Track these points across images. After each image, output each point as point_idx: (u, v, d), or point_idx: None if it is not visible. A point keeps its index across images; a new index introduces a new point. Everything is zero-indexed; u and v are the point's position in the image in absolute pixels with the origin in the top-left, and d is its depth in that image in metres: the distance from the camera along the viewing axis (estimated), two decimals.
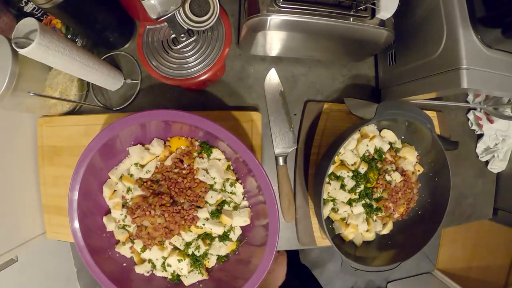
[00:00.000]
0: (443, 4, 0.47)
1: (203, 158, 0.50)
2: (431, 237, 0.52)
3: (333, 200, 0.56)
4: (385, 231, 0.58)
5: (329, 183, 0.55)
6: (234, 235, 0.50)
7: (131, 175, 0.50)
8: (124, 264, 0.50)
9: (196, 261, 0.49)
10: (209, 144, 0.50)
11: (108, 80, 0.56)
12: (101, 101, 0.62)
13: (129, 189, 0.50)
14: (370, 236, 0.58)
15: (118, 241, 0.51)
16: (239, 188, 0.50)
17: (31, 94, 0.47)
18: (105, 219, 0.50)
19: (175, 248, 0.50)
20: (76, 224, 0.45)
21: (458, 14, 0.45)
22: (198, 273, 0.49)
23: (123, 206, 0.50)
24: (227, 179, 0.50)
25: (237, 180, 0.51)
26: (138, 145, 0.50)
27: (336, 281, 1.59)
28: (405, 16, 0.54)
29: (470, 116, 0.72)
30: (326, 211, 0.56)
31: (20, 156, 0.57)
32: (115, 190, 0.50)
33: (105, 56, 0.61)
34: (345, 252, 0.51)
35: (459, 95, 0.72)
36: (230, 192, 0.50)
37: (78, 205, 0.45)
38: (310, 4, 0.45)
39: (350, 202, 0.56)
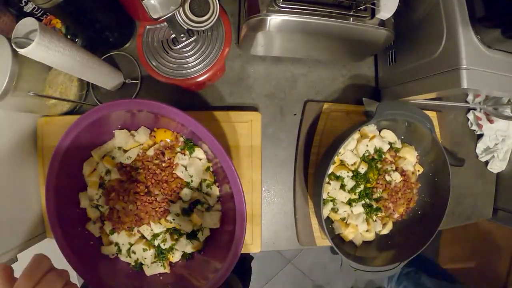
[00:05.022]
0: (443, 4, 0.47)
1: (184, 155, 0.50)
2: (431, 237, 0.52)
3: (333, 200, 0.56)
4: (385, 231, 0.58)
5: (329, 183, 0.55)
6: (202, 236, 0.50)
7: (113, 158, 0.50)
8: (91, 243, 0.50)
9: (161, 254, 0.50)
10: (193, 142, 0.50)
11: (108, 80, 0.56)
12: (101, 101, 0.62)
13: (108, 171, 0.50)
14: (370, 236, 0.58)
15: (89, 219, 0.51)
16: (215, 191, 0.51)
17: (31, 94, 0.47)
18: (80, 194, 0.50)
19: (143, 237, 0.50)
20: (52, 188, 0.45)
21: (458, 14, 0.45)
22: (161, 266, 0.49)
23: (100, 186, 0.50)
24: (204, 180, 0.50)
25: (214, 182, 0.51)
26: (125, 130, 0.50)
27: (336, 281, 1.58)
28: (405, 16, 0.54)
29: (470, 116, 0.72)
30: (326, 211, 0.56)
31: (20, 156, 0.57)
32: (95, 169, 0.50)
33: (105, 56, 0.61)
34: (345, 252, 0.51)
35: (459, 95, 0.72)
36: (206, 193, 0.50)
37: (57, 173, 0.44)
38: (310, 4, 0.45)
39: (350, 202, 0.56)
